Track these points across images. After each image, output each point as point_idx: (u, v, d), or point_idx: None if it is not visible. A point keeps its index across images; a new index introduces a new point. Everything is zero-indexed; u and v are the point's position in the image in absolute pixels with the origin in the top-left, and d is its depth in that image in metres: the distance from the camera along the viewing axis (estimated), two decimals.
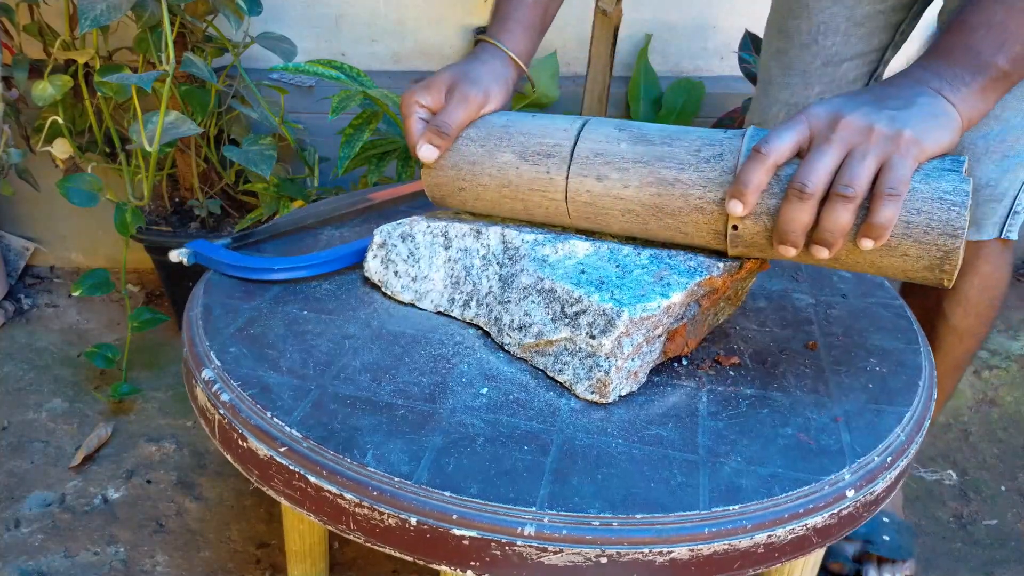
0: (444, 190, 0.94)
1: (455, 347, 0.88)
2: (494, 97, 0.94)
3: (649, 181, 0.82)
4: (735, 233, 0.79)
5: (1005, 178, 1.14)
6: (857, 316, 0.98)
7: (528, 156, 0.88)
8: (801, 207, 0.73)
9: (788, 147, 0.74)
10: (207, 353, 0.84)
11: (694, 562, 0.69)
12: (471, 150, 0.91)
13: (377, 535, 0.70)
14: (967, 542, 1.48)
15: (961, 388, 1.82)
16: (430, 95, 0.93)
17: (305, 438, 0.73)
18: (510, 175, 0.88)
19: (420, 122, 0.92)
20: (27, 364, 1.77)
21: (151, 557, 1.35)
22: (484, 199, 0.91)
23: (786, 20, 1.28)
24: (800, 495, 0.71)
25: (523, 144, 0.88)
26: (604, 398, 0.80)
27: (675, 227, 0.82)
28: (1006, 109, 1.09)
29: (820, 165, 0.72)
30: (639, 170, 0.82)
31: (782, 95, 1.31)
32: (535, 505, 0.68)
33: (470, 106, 0.91)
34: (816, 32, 1.24)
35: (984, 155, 1.12)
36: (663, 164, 0.81)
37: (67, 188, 1.44)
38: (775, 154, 0.74)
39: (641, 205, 0.83)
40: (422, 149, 0.91)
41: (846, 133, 0.73)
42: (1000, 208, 1.17)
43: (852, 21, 1.22)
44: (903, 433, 0.80)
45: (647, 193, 0.82)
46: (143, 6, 1.39)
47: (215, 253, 0.99)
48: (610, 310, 0.78)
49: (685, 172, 0.80)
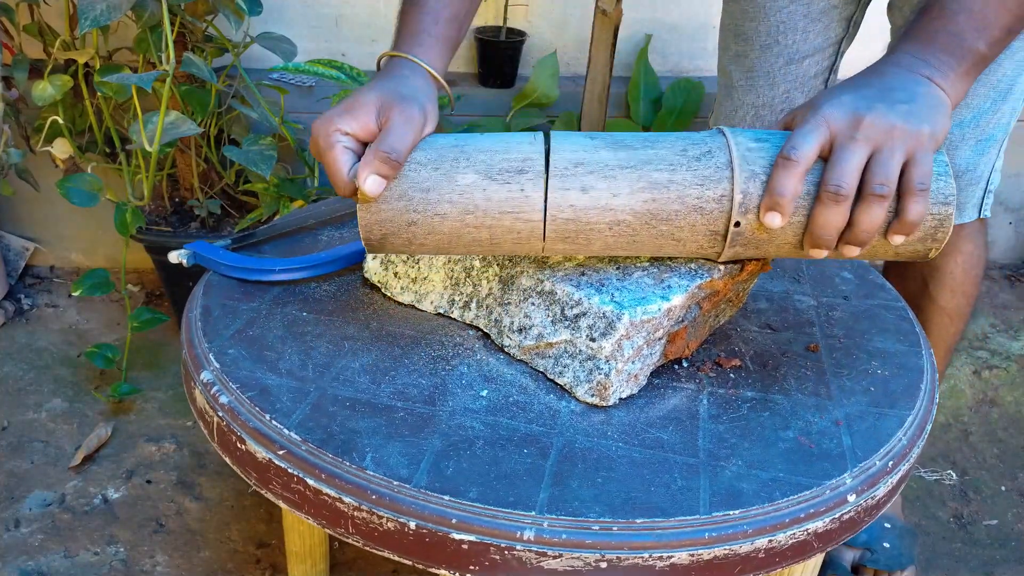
0: (388, 227, 0.80)
1: (455, 349, 0.87)
2: (431, 116, 0.83)
3: (641, 186, 0.76)
4: (737, 231, 0.77)
5: (981, 161, 1.19)
6: (859, 318, 0.97)
7: (495, 175, 0.77)
8: (837, 209, 0.73)
9: (815, 151, 0.74)
10: (206, 355, 0.84)
11: (694, 567, 0.69)
12: (422, 175, 0.78)
13: (376, 539, 0.70)
14: (967, 542, 1.47)
15: (961, 388, 1.82)
16: (355, 120, 0.79)
17: (304, 441, 0.73)
18: (476, 198, 0.77)
19: (347, 152, 0.79)
20: (27, 364, 1.77)
21: (151, 557, 1.35)
22: (440, 231, 0.79)
23: (742, 23, 1.29)
24: (801, 499, 0.71)
25: (486, 162, 0.78)
26: (604, 401, 0.79)
27: (668, 233, 0.78)
28: (975, 96, 1.13)
29: (850, 166, 0.72)
30: (628, 175, 0.76)
31: (747, 98, 1.33)
32: (535, 509, 0.68)
33: (416, 127, 0.79)
34: (776, 32, 1.25)
35: (961, 142, 1.16)
36: (652, 167, 0.77)
37: (67, 188, 1.44)
38: (805, 160, 0.73)
39: (633, 214, 0.77)
40: (368, 182, 0.76)
41: (871, 132, 0.73)
42: (978, 190, 1.21)
43: (809, 18, 1.23)
44: (905, 437, 0.79)
45: (639, 200, 0.76)
46: (143, 6, 1.39)
47: (214, 254, 0.98)
48: (610, 313, 0.78)
49: (678, 172, 0.76)
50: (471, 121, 1.90)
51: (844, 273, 1.07)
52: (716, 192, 0.76)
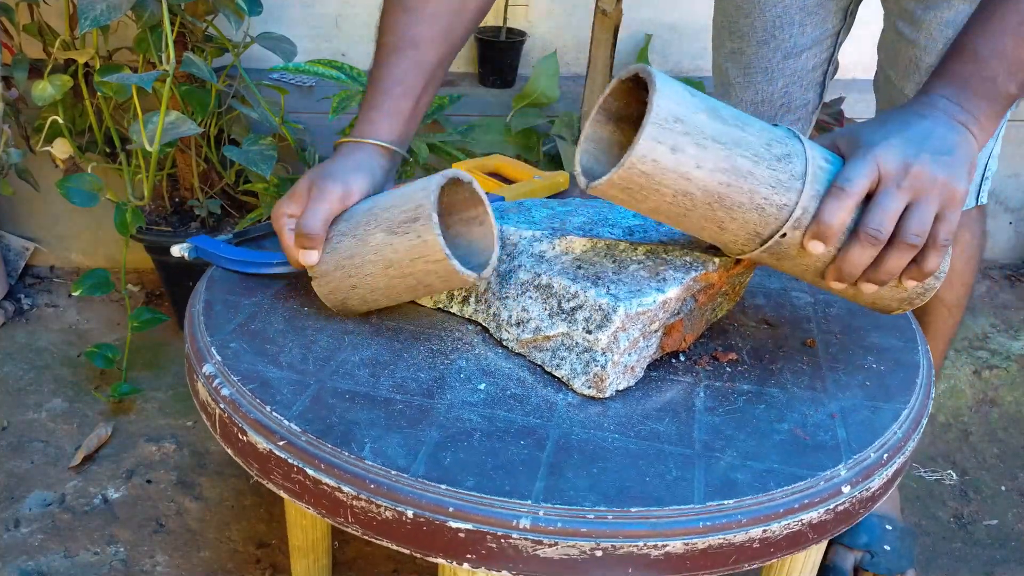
0: (340, 294, 0.89)
1: (453, 343, 0.88)
2: (356, 187, 0.90)
3: (725, 167, 0.72)
4: (779, 241, 0.76)
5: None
6: (855, 314, 0.98)
7: (396, 228, 0.82)
8: (871, 251, 0.75)
9: (866, 188, 0.75)
10: (208, 348, 0.84)
11: (689, 556, 0.69)
12: (345, 244, 0.86)
13: (374, 528, 0.71)
14: (967, 542, 1.48)
15: (961, 388, 1.82)
16: (294, 203, 0.89)
17: (304, 432, 0.73)
18: (387, 254, 0.83)
19: (291, 233, 0.89)
20: (27, 364, 1.77)
21: (151, 557, 1.36)
22: (378, 288, 0.86)
23: (737, 20, 1.29)
24: (795, 490, 0.71)
25: (388, 219, 0.83)
26: (601, 393, 0.80)
27: (719, 220, 0.75)
28: None
29: (892, 212, 0.75)
30: (717, 151, 0.72)
31: (746, 95, 1.33)
32: (531, 498, 0.68)
33: (330, 200, 0.88)
34: (772, 27, 1.25)
35: None
36: (740, 151, 0.72)
37: (67, 188, 1.45)
38: (857, 195, 0.74)
39: (703, 191, 0.72)
40: (300, 256, 0.88)
41: (915, 183, 0.75)
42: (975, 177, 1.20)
43: (805, 11, 1.23)
44: (900, 430, 0.80)
45: (717, 180, 0.72)
46: (143, 6, 1.39)
47: (216, 248, 0.99)
48: (606, 305, 0.78)
49: (759, 167, 0.73)
50: (471, 121, 1.91)
51: None
52: (782, 200, 0.74)
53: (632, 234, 0.89)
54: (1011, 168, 2.21)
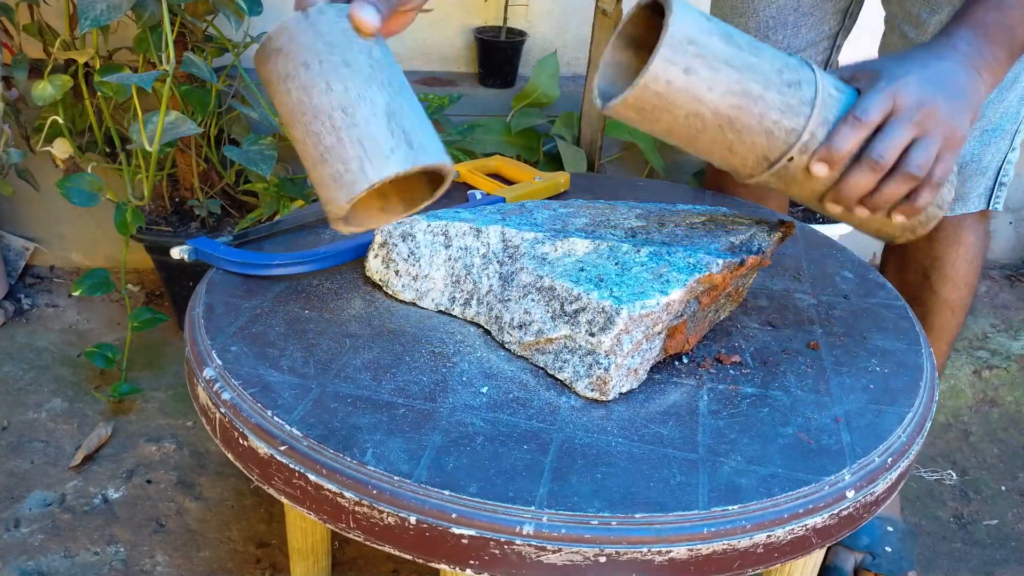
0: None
1: (455, 346, 0.88)
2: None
3: (736, 90, 0.75)
4: (785, 164, 0.79)
5: (987, 152, 1.18)
6: (859, 316, 0.98)
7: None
8: (872, 177, 0.78)
9: (881, 118, 0.78)
10: (209, 352, 0.84)
11: (693, 562, 0.69)
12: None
13: (376, 534, 0.70)
14: (967, 542, 1.47)
15: (961, 388, 1.82)
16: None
17: (305, 436, 0.73)
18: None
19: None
20: (27, 364, 1.77)
21: (151, 557, 1.35)
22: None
23: (732, 19, 1.28)
24: (800, 495, 0.71)
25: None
26: (604, 396, 0.80)
27: (729, 142, 0.78)
28: None
29: (898, 143, 0.78)
30: (729, 74, 0.74)
31: None
32: (534, 504, 0.68)
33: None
34: (766, 28, 1.25)
35: None
36: (751, 75, 0.75)
37: (67, 188, 1.44)
38: (871, 125, 0.77)
39: (715, 113, 0.75)
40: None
41: (926, 121, 0.78)
42: (984, 180, 1.20)
43: (799, 12, 1.23)
44: (904, 434, 0.79)
45: (728, 102, 0.75)
46: (143, 6, 1.39)
47: (216, 250, 0.99)
48: (609, 307, 0.78)
49: (769, 91, 0.76)
50: (471, 121, 1.90)
51: (844, 272, 1.07)
52: (790, 124, 0.77)
53: (635, 235, 0.89)
54: None
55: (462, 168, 1.28)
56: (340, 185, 0.72)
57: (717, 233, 0.90)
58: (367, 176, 0.71)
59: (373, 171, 0.71)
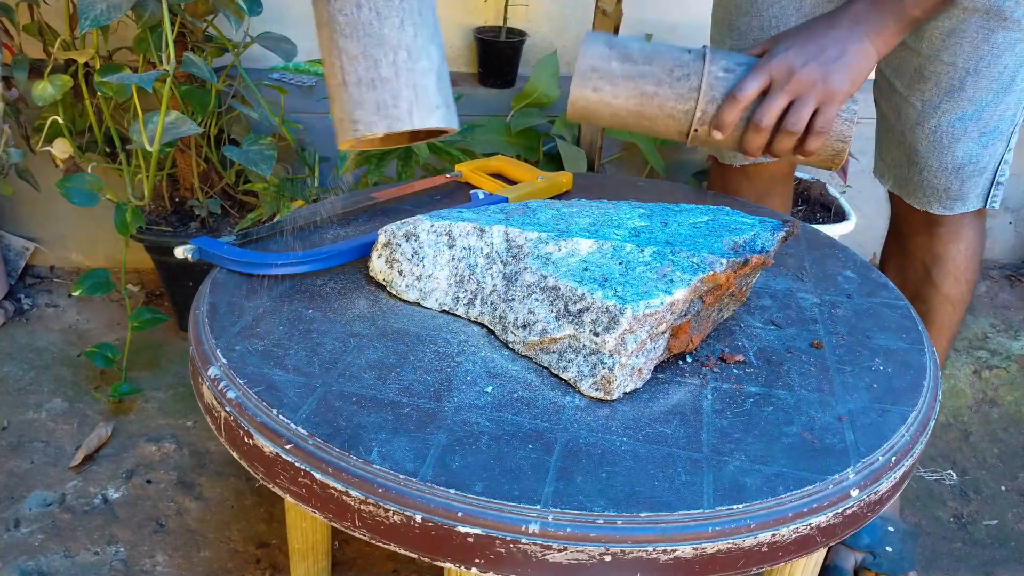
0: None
1: (460, 345, 0.88)
2: None
3: (634, 95, 1.03)
4: (695, 134, 1.05)
5: (985, 153, 1.21)
6: (862, 316, 0.98)
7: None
8: (758, 135, 1.02)
9: (756, 92, 1.00)
10: (213, 351, 0.84)
11: (698, 561, 0.69)
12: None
13: (382, 532, 0.70)
14: (967, 542, 1.48)
15: (961, 388, 1.82)
16: None
17: (311, 435, 0.73)
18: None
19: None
20: (27, 364, 1.77)
21: (151, 557, 1.35)
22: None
23: (736, 18, 1.30)
24: (804, 494, 0.71)
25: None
26: (608, 395, 0.80)
27: (650, 127, 1.05)
28: (977, 89, 1.16)
29: (773, 109, 1.00)
30: (626, 85, 1.03)
31: None
32: (539, 503, 0.68)
33: None
34: (769, 27, 1.26)
35: (963, 135, 1.19)
36: (645, 81, 1.03)
37: (67, 188, 1.44)
38: (746, 100, 1.00)
39: (626, 111, 1.04)
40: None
41: (796, 86, 1.00)
42: (982, 180, 1.23)
43: (801, 13, 1.24)
44: (908, 433, 0.80)
45: (632, 103, 1.04)
46: (143, 6, 1.39)
47: (220, 249, 0.99)
48: (613, 307, 0.78)
49: (662, 88, 1.03)
50: (471, 121, 1.90)
51: (847, 271, 1.08)
52: (684, 107, 1.03)
53: (638, 235, 0.89)
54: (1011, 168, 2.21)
55: (465, 168, 1.28)
56: (382, 115, 0.79)
57: (720, 233, 0.91)
58: (411, 119, 0.80)
59: (419, 118, 0.80)
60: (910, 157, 1.25)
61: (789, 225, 0.94)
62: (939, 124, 1.19)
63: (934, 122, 1.19)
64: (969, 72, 1.14)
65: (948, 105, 1.17)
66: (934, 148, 1.21)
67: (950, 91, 1.16)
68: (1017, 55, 1.13)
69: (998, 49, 1.12)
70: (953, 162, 1.20)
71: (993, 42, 1.12)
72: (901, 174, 1.28)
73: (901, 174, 1.28)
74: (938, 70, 1.16)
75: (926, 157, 1.22)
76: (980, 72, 1.14)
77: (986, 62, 1.13)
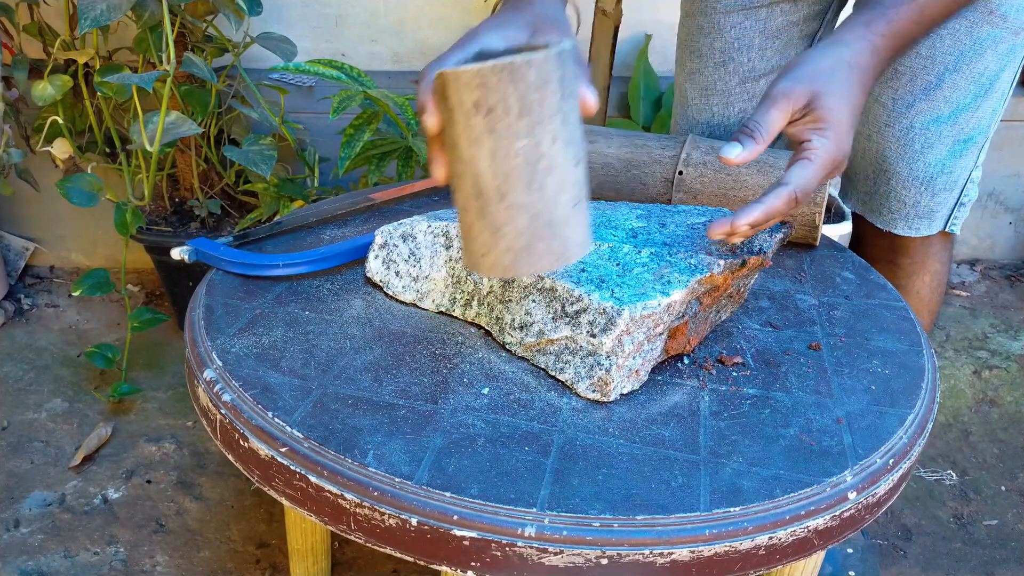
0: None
1: (456, 347, 0.87)
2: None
3: (625, 144, 1.14)
4: (680, 178, 1.10)
5: (957, 164, 1.13)
6: (860, 317, 0.98)
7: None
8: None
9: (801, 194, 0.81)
10: (209, 353, 0.84)
11: (695, 564, 0.69)
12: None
13: (378, 535, 0.70)
14: (967, 542, 1.47)
15: (961, 388, 1.82)
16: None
17: (306, 438, 0.73)
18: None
19: None
20: (27, 364, 1.77)
21: (151, 557, 1.35)
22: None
23: (697, 39, 1.24)
24: (801, 497, 0.71)
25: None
26: (605, 397, 0.80)
27: (638, 177, 1.12)
28: (954, 89, 1.08)
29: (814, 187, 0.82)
30: (619, 140, 1.15)
31: (702, 117, 1.28)
32: (536, 506, 0.68)
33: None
34: (730, 50, 1.21)
35: (937, 140, 1.11)
36: (635, 138, 1.15)
37: (67, 188, 1.44)
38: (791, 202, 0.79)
39: (617, 159, 1.14)
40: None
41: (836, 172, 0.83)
42: (950, 198, 1.16)
43: (765, 35, 1.19)
44: (906, 435, 0.79)
45: (624, 151, 1.14)
46: (143, 6, 1.39)
47: (216, 250, 0.99)
48: (610, 308, 0.78)
49: (651, 142, 1.14)
50: None
51: (845, 273, 1.07)
52: (670, 153, 1.12)
53: (635, 236, 0.89)
54: (1011, 168, 2.20)
55: None
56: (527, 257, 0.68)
57: None
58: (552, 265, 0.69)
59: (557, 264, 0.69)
60: (877, 165, 1.17)
61: (787, 226, 0.94)
62: (911, 125, 1.11)
63: (906, 123, 1.12)
64: (948, 68, 1.07)
65: (923, 104, 1.10)
66: (904, 153, 1.13)
67: (926, 88, 1.09)
68: (999, 56, 1.07)
69: (981, 45, 1.06)
70: (924, 170, 1.13)
71: (976, 37, 1.05)
72: (866, 187, 1.20)
73: (866, 187, 1.20)
74: (914, 65, 1.09)
75: (894, 164, 1.15)
76: (960, 69, 1.07)
77: (967, 59, 1.06)
